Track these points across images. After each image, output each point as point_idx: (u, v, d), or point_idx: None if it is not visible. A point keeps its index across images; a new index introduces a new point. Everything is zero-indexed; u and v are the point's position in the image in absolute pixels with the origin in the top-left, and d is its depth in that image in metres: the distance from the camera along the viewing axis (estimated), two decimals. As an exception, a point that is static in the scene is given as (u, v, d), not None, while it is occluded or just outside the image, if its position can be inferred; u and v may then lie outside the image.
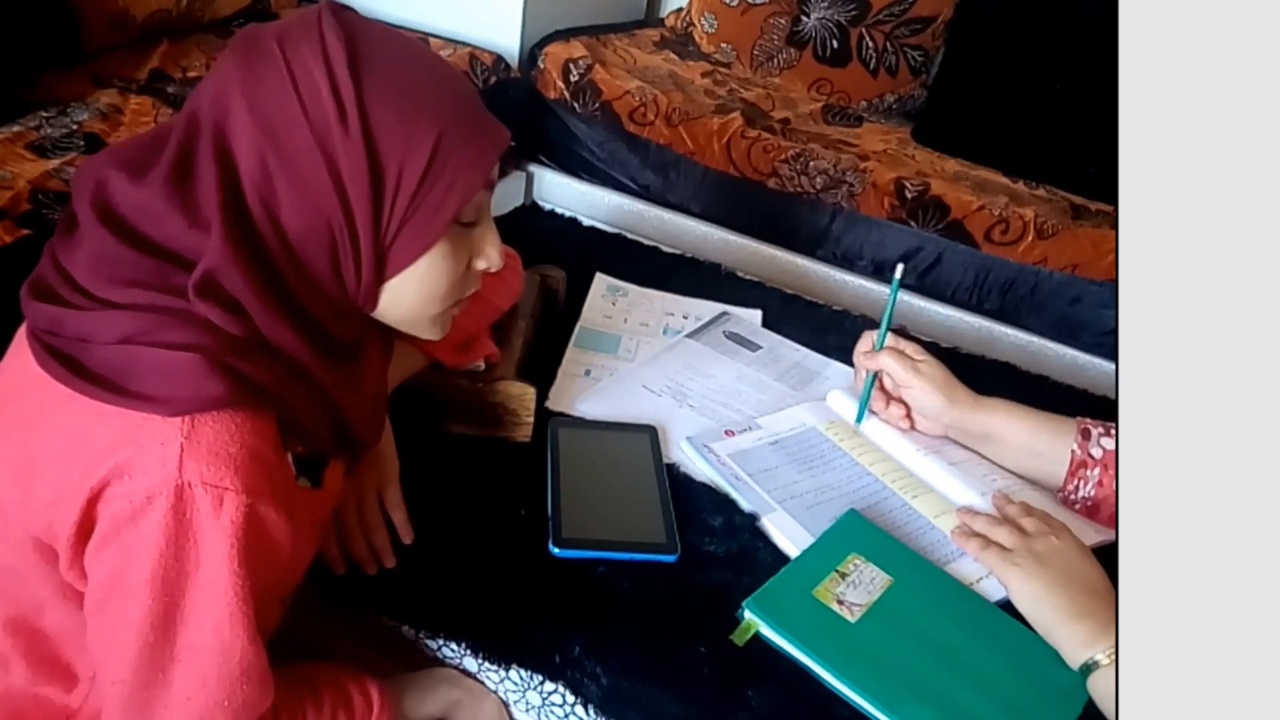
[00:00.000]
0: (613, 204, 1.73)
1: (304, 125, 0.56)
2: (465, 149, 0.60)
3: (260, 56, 0.57)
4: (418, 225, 0.60)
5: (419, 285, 0.63)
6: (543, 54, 1.78)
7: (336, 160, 0.57)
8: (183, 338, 0.56)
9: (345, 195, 0.58)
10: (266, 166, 0.56)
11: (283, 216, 0.57)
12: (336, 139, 0.57)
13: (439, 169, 0.59)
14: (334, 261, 0.60)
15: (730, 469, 0.90)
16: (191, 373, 0.55)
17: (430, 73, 0.62)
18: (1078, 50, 1.62)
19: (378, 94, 0.57)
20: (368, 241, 0.59)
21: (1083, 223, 1.53)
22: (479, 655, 0.73)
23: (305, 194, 0.57)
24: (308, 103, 0.56)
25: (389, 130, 0.58)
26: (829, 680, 0.71)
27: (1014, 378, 1.18)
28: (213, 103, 0.58)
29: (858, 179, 1.58)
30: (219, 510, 0.54)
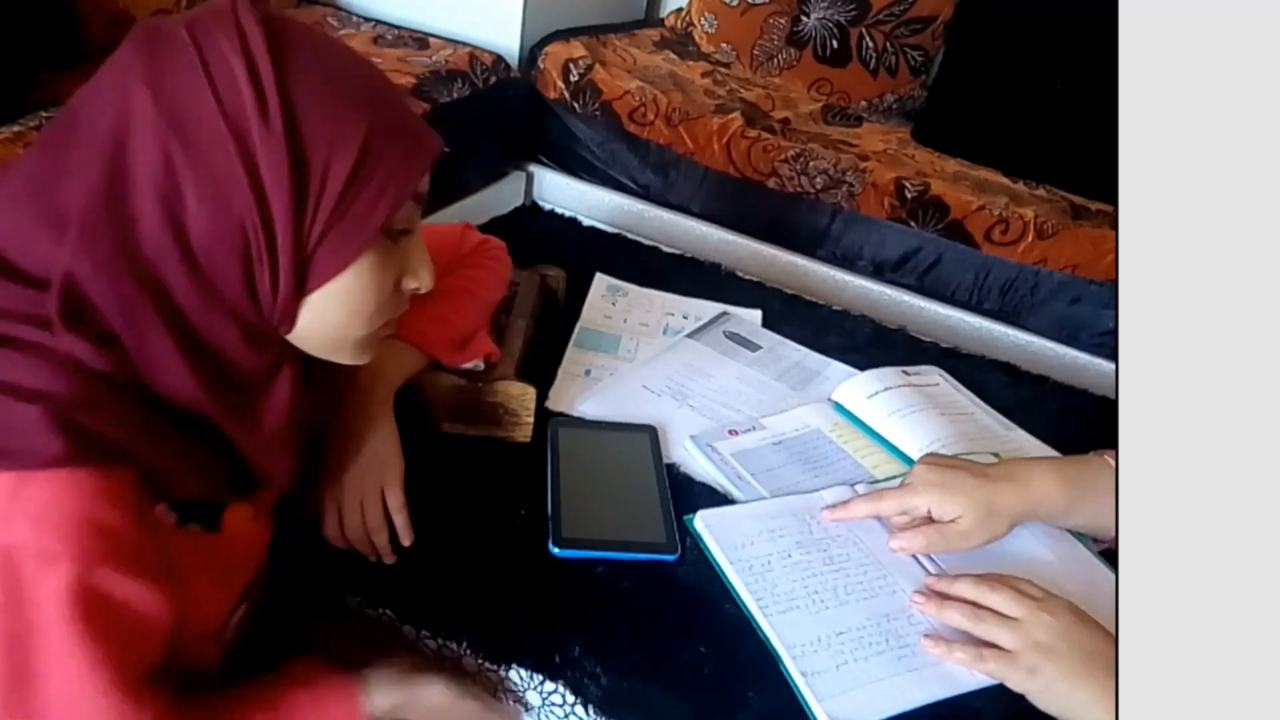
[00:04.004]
0: (613, 204, 1.73)
1: (217, 114, 0.50)
2: (397, 150, 0.56)
3: (165, 43, 0.51)
4: (344, 231, 0.54)
5: (344, 301, 0.57)
6: (543, 54, 1.78)
7: (254, 152, 0.51)
8: (34, 381, 0.50)
9: (263, 192, 0.52)
10: (171, 161, 0.50)
11: (188, 218, 0.51)
12: (254, 128, 0.51)
13: (369, 169, 0.54)
14: (247, 272, 0.54)
15: (733, 468, 0.90)
16: (29, 428, 0.49)
17: (357, 68, 0.56)
18: (1078, 50, 1.62)
19: (301, 83, 0.52)
20: (287, 246, 0.53)
21: (1083, 223, 1.53)
22: (479, 655, 0.73)
23: (216, 191, 0.51)
24: (222, 89, 0.51)
25: (314, 122, 0.52)
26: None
27: (1014, 378, 1.18)
28: (103, 95, 0.52)
29: (858, 179, 1.59)
30: (45, 578, 0.49)
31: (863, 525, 0.84)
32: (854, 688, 0.69)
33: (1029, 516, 0.80)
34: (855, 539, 0.82)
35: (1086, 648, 0.69)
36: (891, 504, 0.81)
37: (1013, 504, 0.79)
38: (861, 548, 0.81)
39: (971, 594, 0.75)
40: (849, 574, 0.79)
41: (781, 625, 0.73)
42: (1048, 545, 0.83)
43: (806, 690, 0.69)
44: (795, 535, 0.82)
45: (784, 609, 0.75)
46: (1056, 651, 0.69)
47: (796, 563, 0.79)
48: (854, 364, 1.10)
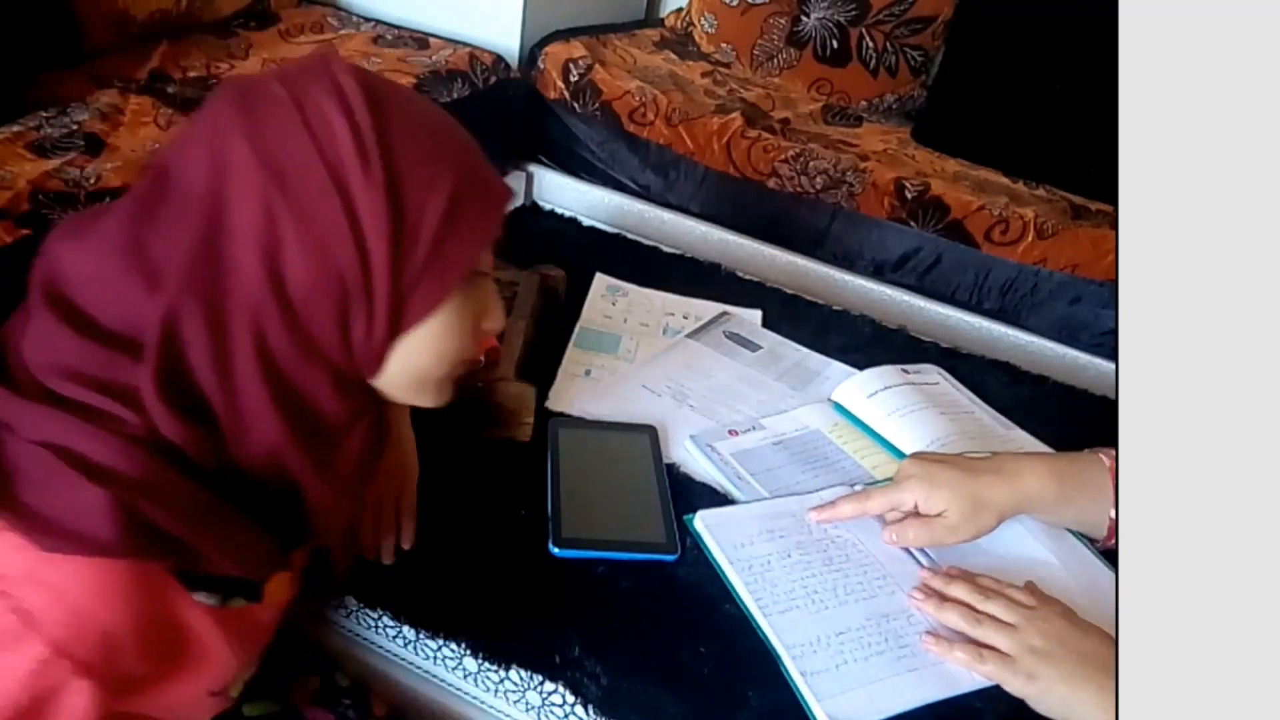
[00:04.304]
0: (613, 204, 1.73)
1: (319, 165, 0.52)
2: (481, 197, 0.58)
3: (263, 99, 0.53)
4: (436, 275, 0.56)
5: (432, 343, 0.59)
6: (543, 54, 1.78)
7: (355, 201, 0.52)
8: (102, 455, 0.50)
9: (363, 239, 0.53)
10: (272, 213, 0.51)
11: (287, 270, 0.52)
12: (355, 178, 0.52)
13: (458, 215, 0.56)
14: (343, 318, 0.54)
15: (733, 468, 0.90)
16: (91, 513, 0.49)
17: (443, 119, 0.59)
18: (1078, 50, 1.62)
19: (398, 134, 0.54)
20: (384, 290, 0.54)
21: (1083, 223, 1.53)
22: (479, 655, 0.73)
23: (317, 241, 0.52)
24: (323, 141, 0.52)
25: (411, 171, 0.54)
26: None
27: (1014, 378, 1.18)
28: (197, 150, 0.52)
29: (858, 179, 1.58)
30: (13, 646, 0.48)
31: (863, 525, 0.84)
32: (854, 687, 0.69)
33: (1018, 511, 0.80)
34: (855, 539, 0.82)
35: (1083, 650, 0.70)
36: (878, 502, 0.81)
37: (1001, 497, 0.78)
38: (861, 548, 0.81)
39: (967, 598, 0.75)
40: (849, 574, 0.79)
41: (781, 625, 0.73)
42: (1048, 544, 0.83)
43: (806, 690, 0.69)
44: (795, 535, 0.82)
45: (784, 609, 0.75)
46: (1053, 656, 0.70)
47: (796, 563, 0.79)
48: (854, 364, 1.10)
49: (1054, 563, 0.82)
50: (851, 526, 0.83)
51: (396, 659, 0.79)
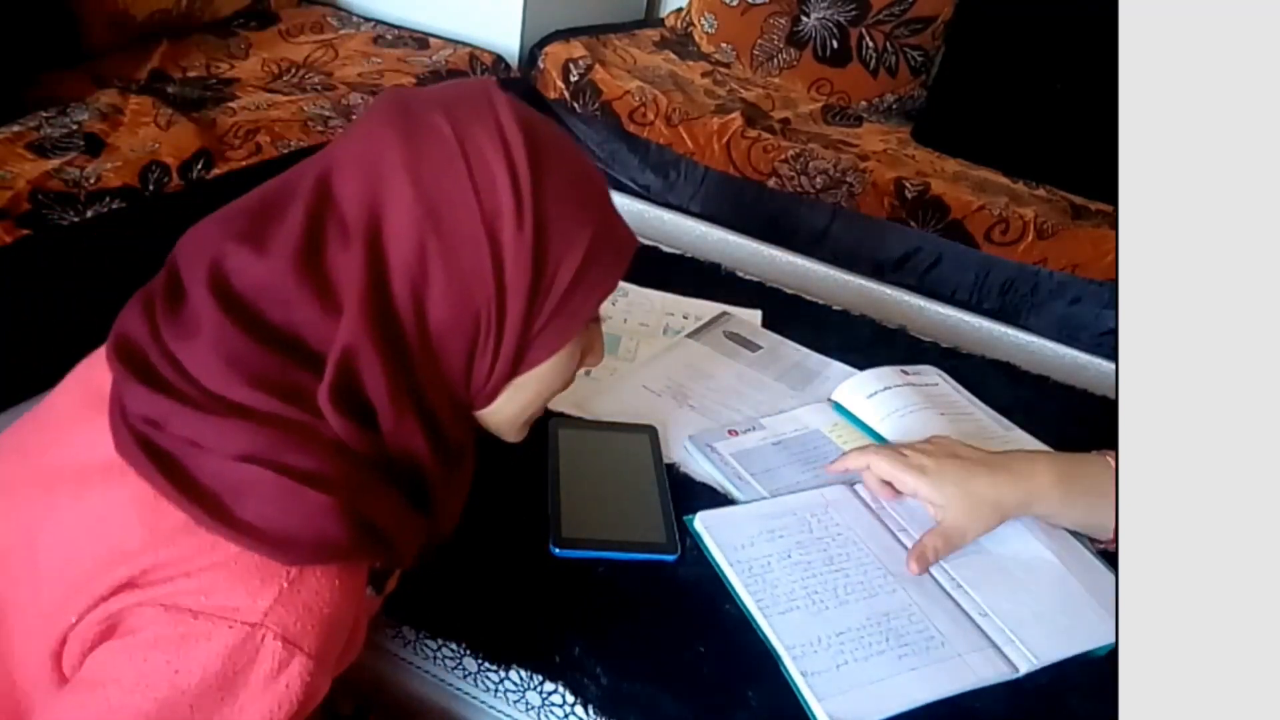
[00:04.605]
0: (613, 204, 1.73)
1: (475, 212, 0.53)
2: (611, 249, 0.60)
3: (426, 132, 0.54)
4: (561, 324, 0.58)
5: (540, 382, 0.61)
6: (543, 54, 1.78)
7: (502, 251, 0.54)
8: (310, 463, 0.51)
9: (504, 287, 0.54)
10: (424, 249, 0.52)
11: (430, 305, 0.54)
12: (507, 230, 0.53)
13: (591, 267, 0.57)
14: (470, 355, 0.56)
15: (733, 468, 0.90)
16: (322, 517, 0.50)
17: (588, 169, 0.60)
18: (1078, 50, 1.62)
19: (551, 188, 0.55)
20: (513, 336, 0.56)
21: (1083, 223, 1.53)
22: (479, 655, 0.73)
23: (462, 283, 0.53)
24: (482, 189, 0.53)
25: (557, 226, 0.55)
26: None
27: (1014, 378, 1.18)
28: (359, 171, 0.53)
29: (858, 179, 1.58)
30: (282, 671, 0.50)
31: (863, 525, 0.84)
32: (854, 687, 0.69)
33: (1024, 509, 0.80)
34: (856, 538, 0.82)
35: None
36: (885, 468, 0.82)
37: (1008, 495, 0.79)
38: (862, 547, 0.81)
39: None
40: (849, 573, 0.79)
41: (781, 626, 0.73)
42: (1049, 543, 0.83)
43: (806, 690, 0.69)
44: (795, 535, 0.82)
45: (784, 609, 0.75)
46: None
47: (796, 563, 0.79)
48: (854, 364, 1.10)
49: (1055, 562, 0.82)
50: (853, 525, 0.83)
51: (396, 659, 0.79)
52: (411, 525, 0.58)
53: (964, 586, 0.79)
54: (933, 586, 0.79)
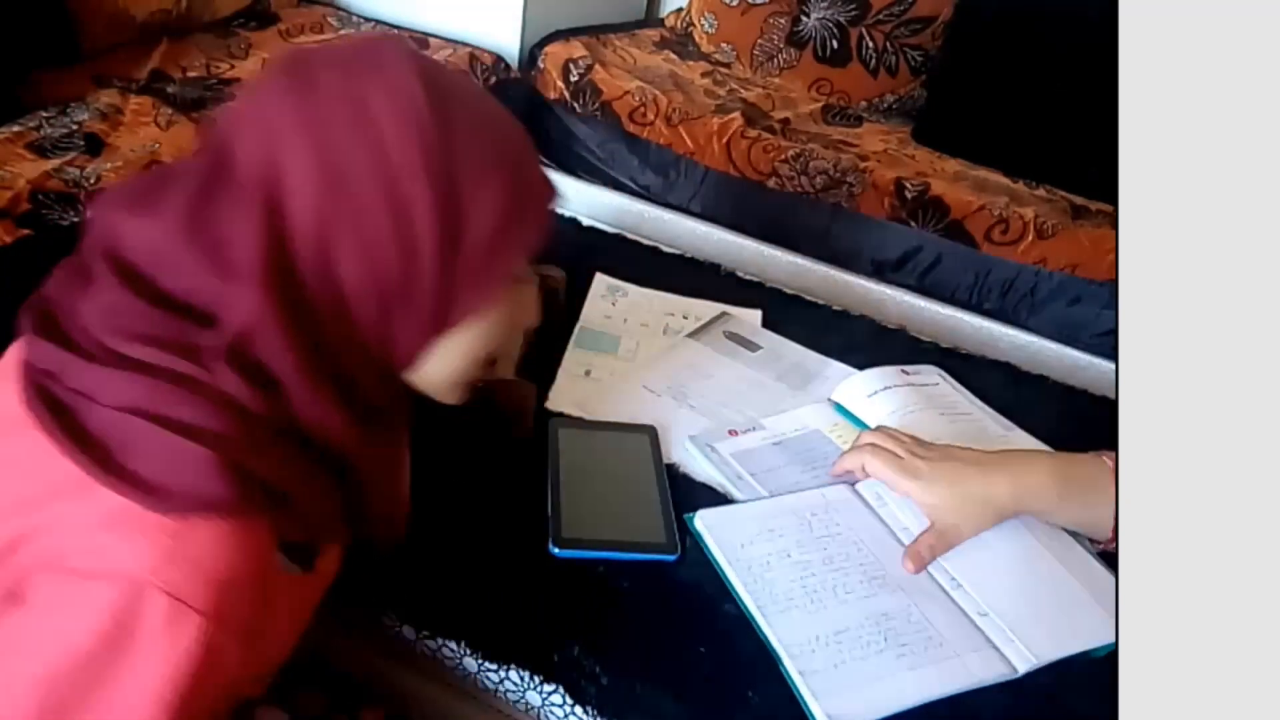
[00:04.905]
0: (613, 204, 1.73)
1: (377, 171, 0.51)
2: (532, 203, 0.57)
3: (323, 91, 0.52)
4: (482, 283, 0.56)
5: (468, 344, 0.59)
6: (543, 54, 1.78)
7: (412, 209, 0.52)
8: (193, 416, 0.50)
9: (414, 246, 0.53)
10: (327, 212, 0.51)
11: (339, 268, 0.52)
12: (415, 186, 0.52)
13: (510, 220, 0.55)
14: (386, 317, 0.55)
15: (733, 468, 0.90)
16: (201, 471, 0.49)
17: (502, 120, 0.57)
18: (1078, 50, 1.62)
19: (460, 144, 0.53)
20: (429, 297, 0.55)
21: (1083, 223, 1.53)
22: (479, 655, 0.73)
23: (368, 243, 0.52)
24: (383, 147, 0.51)
25: (469, 183, 0.53)
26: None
27: (1014, 378, 1.18)
28: (257, 135, 0.52)
29: (858, 179, 1.58)
30: (172, 628, 0.49)
31: (863, 525, 0.84)
32: (852, 686, 0.69)
33: (1019, 507, 0.80)
34: (855, 538, 0.82)
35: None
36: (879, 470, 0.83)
37: (1002, 493, 0.79)
38: (862, 547, 0.81)
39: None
40: (849, 573, 0.79)
41: (780, 625, 0.73)
42: (1048, 543, 0.83)
43: (805, 689, 0.69)
44: (795, 535, 0.82)
45: (783, 608, 0.75)
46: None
47: (796, 562, 0.79)
48: (854, 364, 1.10)
49: (1054, 562, 0.81)
50: (853, 525, 0.83)
51: (396, 659, 0.79)
52: (319, 490, 0.56)
53: (963, 586, 0.79)
54: (932, 586, 0.79)
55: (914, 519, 0.83)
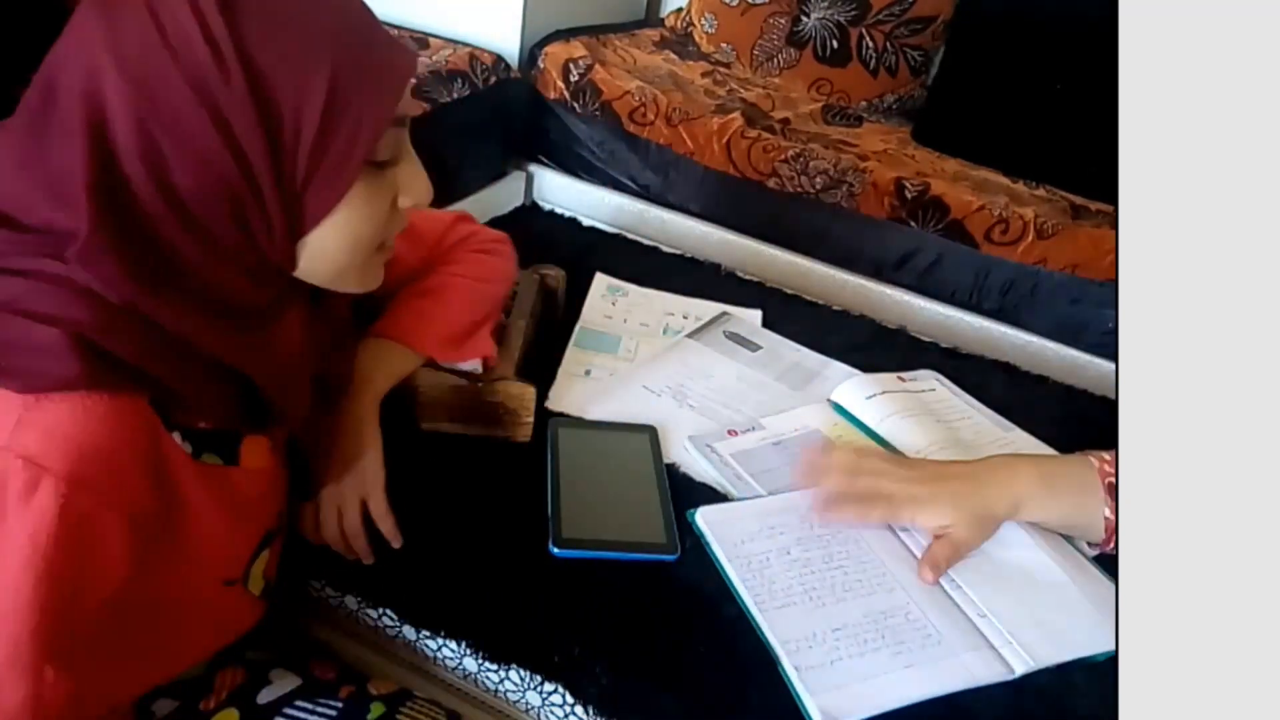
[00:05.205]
0: (613, 204, 1.73)
1: (180, 78, 0.50)
2: (368, 82, 0.55)
3: (120, 8, 0.51)
4: (327, 173, 0.55)
5: (339, 236, 0.58)
6: (543, 54, 1.78)
7: (222, 112, 0.51)
8: (55, 308, 0.51)
9: (239, 149, 0.52)
10: (146, 127, 0.51)
11: (174, 179, 0.52)
12: (217, 89, 0.51)
13: (341, 108, 0.54)
14: (239, 221, 0.55)
15: (732, 468, 0.90)
16: (47, 349, 0.50)
17: (316, 3, 0.55)
18: (1078, 50, 1.62)
19: (256, 32, 0.51)
20: (272, 196, 0.54)
21: (1083, 223, 1.53)
22: (479, 655, 0.73)
23: (194, 153, 0.52)
24: (180, 51, 0.50)
25: (275, 72, 0.52)
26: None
27: (1014, 378, 1.18)
28: (72, 64, 0.52)
29: (858, 179, 1.58)
30: (32, 492, 0.50)
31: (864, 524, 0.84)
32: (847, 683, 0.69)
33: (1016, 513, 0.81)
34: (856, 536, 0.82)
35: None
36: (879, 518, 0.83)
37: (999, 503, 0.80)
38: (861, 545, 0.81)
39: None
40: (848, 571, 0.79)
41: (778, 621, 0.73)
42: (1047, 548, 0.83)
43: (800, 685, 0.69)
44: (795, 532, 0.82)
45: (781, 605, 0.75)
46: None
47: (796, 559, 0.79)
48: (854, 364, 1.10)
49: (1054, 567, 0.81)
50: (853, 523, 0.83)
51: (396, 658, 0.79)
52: (193, 375, 0.56)
53: (963, 587, 0.79)
54: (932, 586, 0.79)
55: None
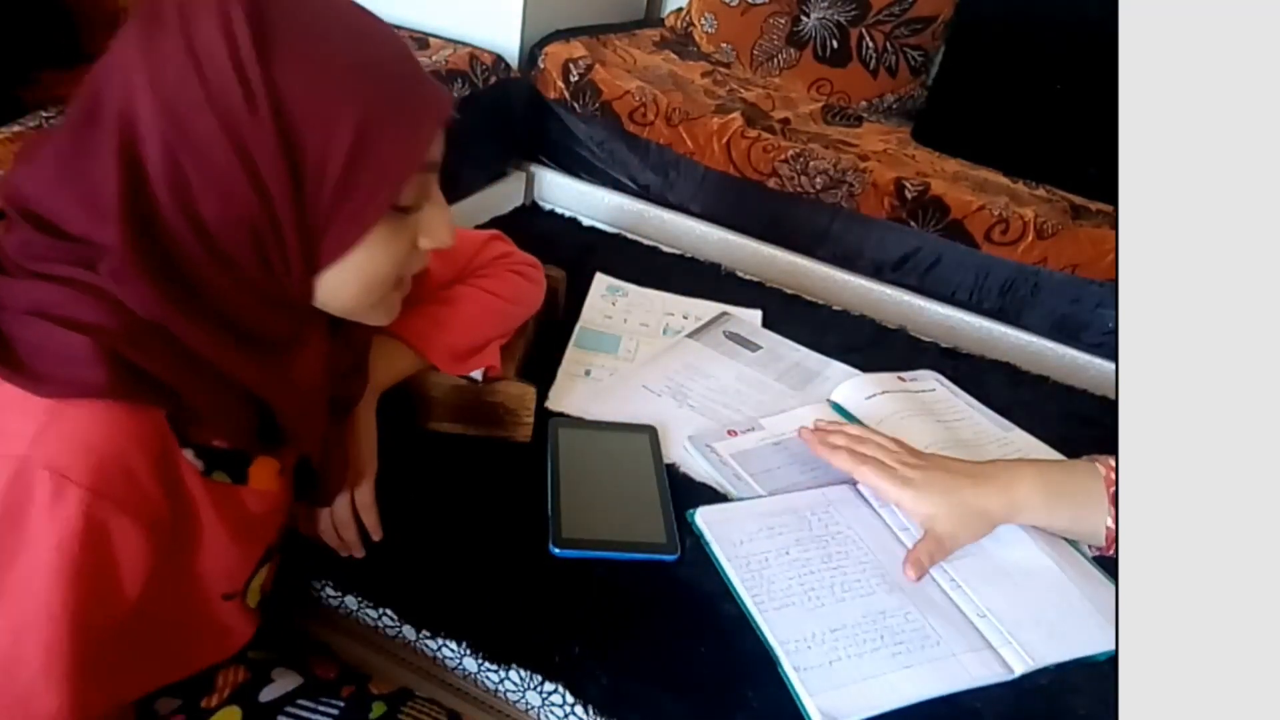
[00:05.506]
0: (613, 204, 1.73)
1: (208, 109, 0.50)
2: (396, 129, 0.55)
3: (161, 30, 0.51)
4: (348, 215, 0.55)
5: (356, 275, 0.58)
6: (543, 54, 1.78)
7: (248, 147, 0.51)
8: (89, 316, 0.52)
9: (262, 185, 0.52)
10: (174, 153, 0.51)
11: (199, 206, 0.52)
12: (245, 124, 0.51)
13: (368, 152, 0.53)
14: (260, 253, 0.55)
15: (732, 468, 0.90)
16: (77, 356, 0.51)
17: (352, 43, 0.54)
18: (1078, 50, 1.62)
19: (289, 71, 0.51)
20: (292, 234, 0.54)
21: (1083, 223, 1.53)
22: (479, 655, 0.73)
23: (217, 183, 0.52)
24: (211, 83, 0.50)
25: (304, 112, 0.51)
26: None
27: (1014, 378, 1.18)
28: (113, 81, 0.52)
29: (858, 179, 1.58)
30: (57, 501, 0.50)
31: (864, 523, 0.84)
32: (846, 683, 0.69)
33: (1010, 517, 0.81)
34: (856, 537, 0.82)
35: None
36: (872, 480, 0.83)
37: (993, 504, 0.80)
38: (861, 545, 0.81)
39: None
40: (847, 571, 0.79)
41: (777, 621, 0.73)
42: (1048, 550, 0.83)
43: (799, 685, 0.69)
44: (795, 532, 0.82)
45: (780, 605, 0.75)
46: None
47: (795, 559, 0.79)
48: (854, 364, 1.10)
49: (1054, 568, 0.82)
50: (853, 524, 0.84)
51: (396, 658, 0.79)
52: (212, 392, 0.56)
53: (963, 587, 0.79)
54: (931, 586, 0.79)
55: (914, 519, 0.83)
